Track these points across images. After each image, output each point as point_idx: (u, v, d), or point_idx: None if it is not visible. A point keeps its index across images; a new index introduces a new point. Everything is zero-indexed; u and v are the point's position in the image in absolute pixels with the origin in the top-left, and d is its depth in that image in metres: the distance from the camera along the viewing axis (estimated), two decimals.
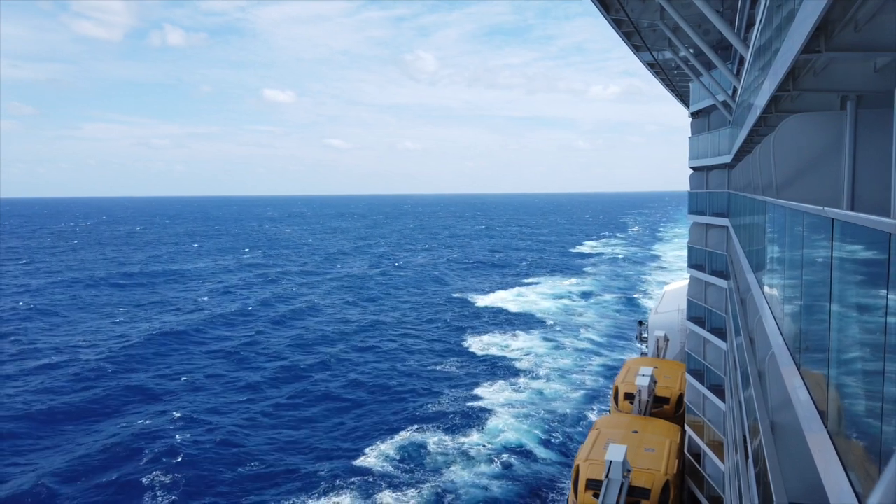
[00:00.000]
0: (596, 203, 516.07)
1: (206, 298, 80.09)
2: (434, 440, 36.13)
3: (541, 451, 35.48)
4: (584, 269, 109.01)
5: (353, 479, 31.34)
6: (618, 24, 23.23)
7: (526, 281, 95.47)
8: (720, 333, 24.36)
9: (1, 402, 41.37)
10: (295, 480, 31.48)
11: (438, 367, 51.22)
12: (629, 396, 29.94)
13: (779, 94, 8.71)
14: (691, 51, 23.60)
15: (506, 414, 40.16)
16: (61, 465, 32.85)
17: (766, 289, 8.60)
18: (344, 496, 29.82)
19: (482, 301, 78.87)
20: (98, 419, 39.49)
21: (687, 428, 27.48)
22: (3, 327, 62.41)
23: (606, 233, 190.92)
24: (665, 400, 30.10)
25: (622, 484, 20.16)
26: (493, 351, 55.53)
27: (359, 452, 34.58)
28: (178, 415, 39.47)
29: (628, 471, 20.53)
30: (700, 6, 15.09)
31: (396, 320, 68.91)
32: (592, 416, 39.86)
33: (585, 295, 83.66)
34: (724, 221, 24.63)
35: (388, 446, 35.40)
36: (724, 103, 22.78)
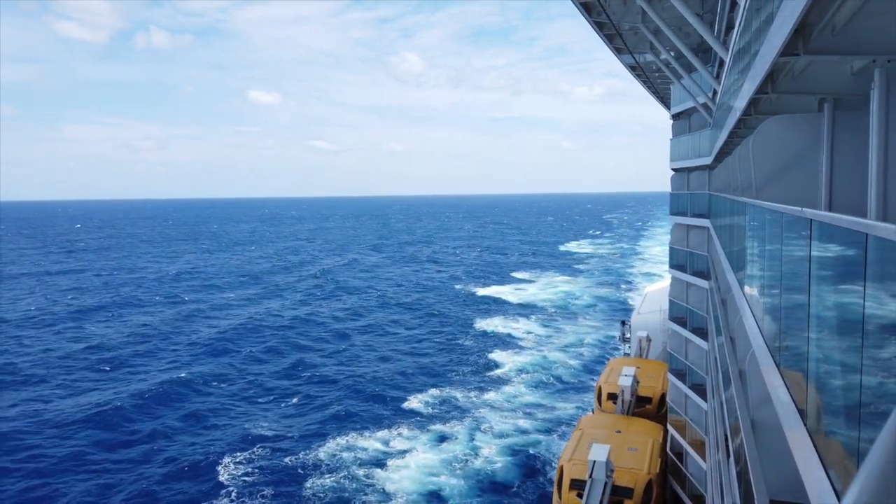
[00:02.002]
0: (582, 203, 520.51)
1: (258, 289, 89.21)
2: (461, 395, 44.01)
3: (551, 401, 42.93)
4: (575, 265, 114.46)
5: (404, 415, 40.37)
6: (599, 27, 23.38)
7: (520, 276, 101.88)
8: (702, 333, 24.56)
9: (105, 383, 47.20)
10: (363, 416, 40.36)
11: (456, 342, 59.48)
12: (612, 396, 30.09)
13: (758, 97, 8.80)
14: (672, 53, 23.80)
15: (517, 378, 47.76)
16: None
17: (747, 289, 8.69)
18: (402, 426, 38.32)
19: (483, 292, 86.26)
20: (206, 386, 46.43)
21: (669, 427, 27.68)
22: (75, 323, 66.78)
23: (595, 232, 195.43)
24: (648, 400, 30.29)
25: (606, 484, 20.25)
26: (500, 330, 63.40)
27: (404, 399, 43.20)
28: (269, 377, 48.96)
29: (611, 470, 20.63)
30: (680, 9, 15.23)
31: (412, 304, 78.46)
32: (591, 380, 45.77)
33: (578, 287, 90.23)
34: (705, 222, 24.85)
35: (426, 396, 43.69)
36: (705, 105, 23.00)
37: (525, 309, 74.16)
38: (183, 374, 48.21)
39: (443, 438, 36.29)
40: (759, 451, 6.59)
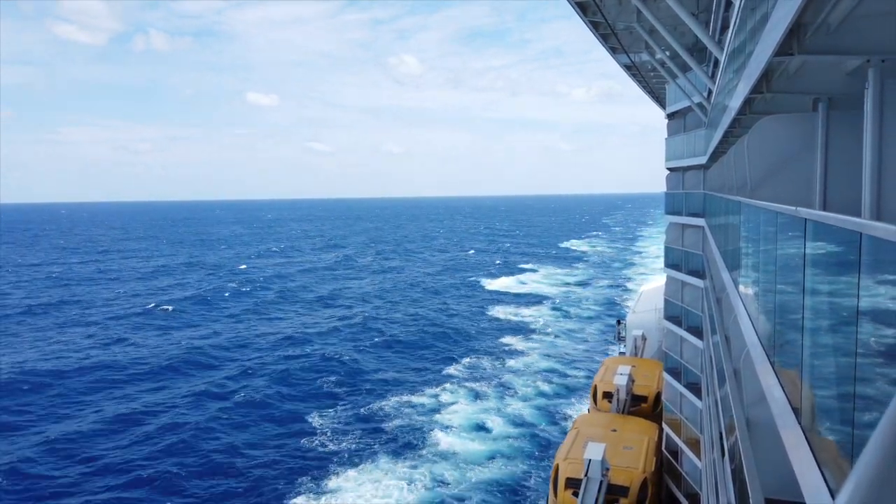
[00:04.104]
0: (581, 205, 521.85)
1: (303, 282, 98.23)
2: (488, 365, 53.42)
3: (566, 371, 51.47)
4: (576, 262, 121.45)
5: (446, 378, 49.91)
6: (595, 27, 23.38)
7: (526, 267, 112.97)
8: (697, 332, 24.61)
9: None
10: (413, 379, 50.02)
11: (477, 324, 68.67)
12: (608, 395, 30.12)
13: (753, 96, 8.82)
14: (667, 53, 23.83)
15: (530, 355, 56.04)
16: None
17: (741, 288, 8.71)
18: (446, 384, 47.99)
19: (492, 286, 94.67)
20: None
21: (664, 426, 27.72)
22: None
23: (594, 232, 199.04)
24: (643, 398, 30.31)
25: (601, 482, 20.28)
26: (512, 317, 72.22)
27: (443, 368, 52.78)
28: (342, 352, 56.59)
29: (607, 469, 20.65)
30: (675, 9, 15.25)
31: (431, 293, 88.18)
32: (596, 358, 52.28)
33: (580, 281, 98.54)
34: (700, 221, 24.88)
35: (459, 366, 53.24)
36: (700, 105, 23.05)
37: (532, 299, 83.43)
38: (277, 351, 57.17)
39: (477, 396, 45.49)
40: (753, 450, 6.61)
